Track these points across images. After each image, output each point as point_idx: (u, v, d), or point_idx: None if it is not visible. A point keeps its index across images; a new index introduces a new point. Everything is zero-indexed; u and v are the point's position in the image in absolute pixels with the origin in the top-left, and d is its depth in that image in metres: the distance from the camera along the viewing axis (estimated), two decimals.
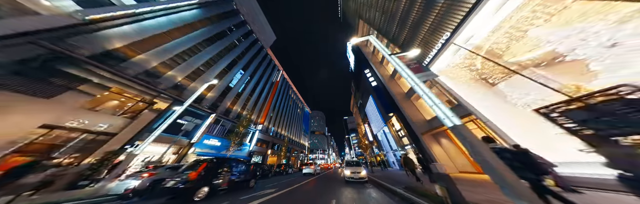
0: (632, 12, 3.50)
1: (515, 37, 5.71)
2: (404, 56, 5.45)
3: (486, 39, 6.70)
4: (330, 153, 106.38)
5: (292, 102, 48.84)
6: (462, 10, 7.24)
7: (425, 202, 3.86)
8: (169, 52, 13.05)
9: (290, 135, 40.39)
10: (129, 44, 10.55)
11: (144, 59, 11.18)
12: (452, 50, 8.26)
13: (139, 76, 10.63)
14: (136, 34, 10.96)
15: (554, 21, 4.73)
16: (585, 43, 4.17)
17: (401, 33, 13.87)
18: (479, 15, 6.60)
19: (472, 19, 6.84)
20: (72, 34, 8.22)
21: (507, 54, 6.03)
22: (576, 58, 4.36)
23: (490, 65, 6.54)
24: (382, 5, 17.08)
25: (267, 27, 37.46)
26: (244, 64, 24.10)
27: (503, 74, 6.18)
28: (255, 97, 25.84)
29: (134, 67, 10.52)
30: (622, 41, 3.62)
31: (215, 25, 19.44)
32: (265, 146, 27.23)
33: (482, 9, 6.38)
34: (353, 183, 9.22)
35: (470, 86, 7.84)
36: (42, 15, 7.53)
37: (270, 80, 34.07)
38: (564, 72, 4.63)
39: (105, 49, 9.38)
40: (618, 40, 3.66)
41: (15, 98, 6.39)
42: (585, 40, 4.17)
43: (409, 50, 5.40)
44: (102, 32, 9.34)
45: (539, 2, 4.96)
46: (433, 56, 9.37)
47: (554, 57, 4.79)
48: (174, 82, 13.10)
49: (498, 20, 6.15)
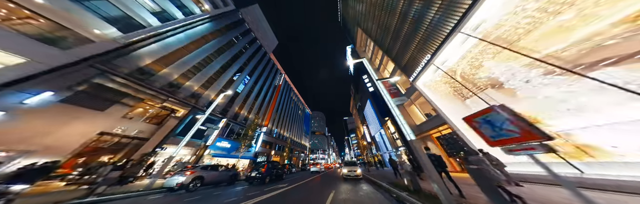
0: (531, 61, 5.14)
1: (475, 66, 7.33)
2: (387, 81, 7.09)
3: (457, 64, 8.31)
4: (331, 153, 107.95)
5: (294, 104, 50.49)
6: (439, 38, 8.86)
7: (398, 190, 5.49)
8: (187, 64, 14.69)
9: (292, 136, 42.05)
10: (156, 60, 12.20)
11: (167, 72, 12.83)
12: (433, 69, 9.89)
13: (164, 88, 12.28)
14: (161, 51, 12.60)
15: (496, 58, 6.35)
16: (513, 77, 5.79)
17: (394, 47, 15.48)
18: (451, 44, 8.23)
19: (446, 46, 8.47)
20: (115, 55, 9.85)
21: (471, 78, 7.64)
22: (510, 86, 5.99)
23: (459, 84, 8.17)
24: (378, 19, 18.68)
25: (269, 33, 39.09)
26: (249, 70, 25.74)
27: (468, 92, 7.81)
28: (259, 101, 27.50)
29: (160, 80, 12.17)
30: (532, 79, 5.24)
31: (224, 36, 21.08)
32: (269, 147, 28.88)
33: (453, 40, 8.01)
34: (349, 179, 10.89)
35: (447, 99, 9.46)
36: (95, 42, 9.16)
37: (273, 84, 35.71)
38: (503, 95, 6.26)
39: (139, 66, 11.04)
40: (530, 78, 5.29)
41: (82, 111, 8.04)
42: (514, 74, 5.80)
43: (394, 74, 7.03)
44: (136, 51, 10.98)
45: (485, 44, 6.60)
46: (418, 72, 11.00)
47: (499, 84, 6.42)
48: (191, 92, 14.74)
49: (464, 50, 7.75)
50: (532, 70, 5.22)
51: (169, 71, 12.95)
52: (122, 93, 9.87)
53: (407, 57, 12.88)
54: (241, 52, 24.62)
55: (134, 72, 10.67)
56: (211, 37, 18.67)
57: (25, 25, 7.67)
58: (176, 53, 13.94)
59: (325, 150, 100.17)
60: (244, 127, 20.90)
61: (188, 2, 16.54)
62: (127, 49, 10.46)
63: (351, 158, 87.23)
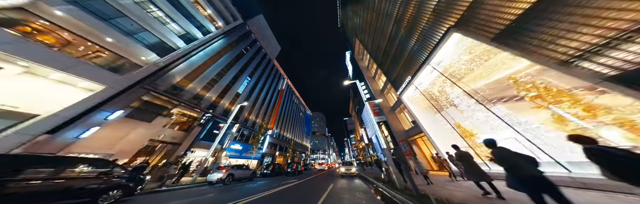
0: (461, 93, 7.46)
1: (440, 90, 9.65)
2: (373, 102, 9.43)
3: (429, 86, 10.63)
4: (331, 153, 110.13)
5: (296, 107, 52.85)
6: (416, 64, 11.19)
7: (377, 181, 7.82)
8: (207, 78, 17.00)
9: (295, 138, 44.39)
10: (184, 77, 14.52)
11: (192, 86, 15.15)
12: (413, 87, 12.21)
13: (190, 100, 14.60)
14: (187, 69, 14.91)
15: (452, 87, 8.68)
16: (461, 102, 8.12)
17: (385, 62, 17.81)
18: (424, 72, 10.53)
19: (420, 72, 10.79)
20: (156, 77, 12.16)
21: (439, 98, 9.97)
22: (460, 108, 8.32)
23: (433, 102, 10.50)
24: (372, 36, 21.01)
25: (273, 41, 41.38)
26: (256, 78, 28.07)
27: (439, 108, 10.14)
28: (265, 106, 29.82)
29: (187, 94, 14.50)
30: (471, 105, 7.56)
31: (234, 49, 23.38)
32: (274, 148, 31.22)
33: (424, 69, 10.34)
34: (346, 176, 13.24)
35: (424, 112, 11.80)
36: (142, 67, 11.47)
37: (277, 88, 38.04)
38: (458, 113, 8.58)
39: (172, 84, 13.36)
40: (470, 104, 7.61)
41: (137, 123, 10.38)
42: (461, 100, 8.12)
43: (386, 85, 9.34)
44: (170, 71, 13.28)
45: (443, 78, 8.93)
46: (403, 88, 13.34)
47: (455, 105, 8.74)
48: (210, 102, 17.06)
49: (433, 77, 10.07)
50: (470, 99, 7.57)
51: (194, 86, 15.27)
52: (162, 107, 12.20)
53: (395, 74, 15.22)
54: (249, 62, 26.93)
55: (169, 89, 13.00)
56: (224, 51, 20.97)
57: (98, 58, 10.01)
58: (198, 70, 16.24)
59: (325, 150, 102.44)
60: (252, 130, 23.23)
61: (205, 21, 18.82)
62: (164, 71, 12.77)
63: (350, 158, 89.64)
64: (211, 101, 17.16)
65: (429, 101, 10.42)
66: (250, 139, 22.25)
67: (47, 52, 7.45)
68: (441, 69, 9.03)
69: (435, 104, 10.08)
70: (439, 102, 9.83)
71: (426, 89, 10.88)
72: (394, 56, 15.24)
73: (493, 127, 6.65)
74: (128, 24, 11.34)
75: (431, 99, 10.36)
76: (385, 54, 17.35)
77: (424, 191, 4.45)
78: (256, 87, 27.76)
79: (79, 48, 9.56)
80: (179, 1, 15.68)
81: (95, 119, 8.50)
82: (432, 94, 10.39)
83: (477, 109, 7.20)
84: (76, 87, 8.93)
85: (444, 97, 9.39)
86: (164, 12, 14.11)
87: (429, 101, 10.51)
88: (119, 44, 10.33)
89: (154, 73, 12.00)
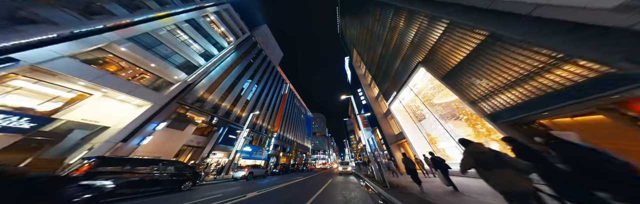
0: (431, 109, 9.98)
1: (417, 105, 12.19)
2: (363, 115, 11.97)
3: (410, 101, 13.16)
4: (331, 153, 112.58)
5: (297, 109, 55.42)
6: (399, 84, 13.72)
7: (366, 178, 10.34)
8: (222, 90, 19.54)
9: (297, 139, 46.97)
10: (205, 91, 17.06)
11: (212, 98, 17.68)
12: (398, 101, 14.74)
13: (210, 110, 17.14)
14: (208, 83, 17.44)
15: (423, 104, 11.20)
16: (428, 116, 10.65)
17: (378, 75, 20.33)
18: (404, 90, 13.06)
19: (402, 90, 13.32)
20: (185, 92, 14.69)
21: (415, 111, 12.50)
22: (428, 122, 10.85)
23: (412, 114, 13.03)
24: (366, 49, 23.50)
25: (276, 48, 43.95)
26: (263, 84, 30.62)
27: (415, 119, 12.67)
28: (270, 111, 32.37)
29: (208, 105, 17.03)
30: (435, 119, 10.10)
31: (244, 61, 25.91)
32: (278, 150, 33.78)
33: (404, 88, 12.87)
34: (343, 174, 15.81)
35: (407, 120, 14.34)
36: (175, 84, 13.99)
37: (281, 93, 40.60)
38: (429, 125, 11.12)
39: (197, 97, 15.90)
40: (434, 118, 10.15)
41: (174, 131, 12.94)
42: (428, 114, 10.66)
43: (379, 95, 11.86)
44: (195, 87, 15.81)
45: (417, 98, 11.45)
46: (390, 100, 15.88)
47: (425, 118, 11.27)
48: (225, 110, 19.61)
49: (412, 95, 12.59)
50: (432, 115, 10.11)
51: (213, 97, 17.81)
52: (190, 117, 14.74)
53: (385, 87, 17.76)
54: (256, 70, 29.48)
55: (195, 102, 15.54)
56: (235, 64, 23.50)
57: (143, 80, 12.56)
58: (215, 83, 18.78)
59: (325, 150, 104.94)
60: (260, 134, 25.78)
61: (219, 38, 21.34)
62: (191, 86, 15.31)
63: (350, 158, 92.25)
64: (226, 110, 19.71)
65: (409, 113, 12.99)
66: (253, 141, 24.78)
67: (120, 81, 10.01)
68: (416, 90, 11.59)
69: (413, 116, 12.65)
70: (416, 115, 12.39)
71: (407, 104, 13.43)
72: (384, 71, 17.77)
73: (446, 138, 9.20)
74: (163, 50, 13.90)
75: (411, 112, 12.92)
76: (377, 68, 19.88)
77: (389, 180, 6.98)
78: (262, 93, 30.31)
79: (128, 71, 12.11)
80: (198, 23, 18.24)
81: (148, 129, 11.05)
82: (411, 107, 12.95)
83: (437, 123, 9.75)
84: (131, 104, 11.49)
85: (418, 112, 11.95)
86: (188, 35, 16.66)
87: (409, 114, 13.07)
88: (158, 67, 12.88)
89: (184, 89, 14.54)
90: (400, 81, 13.51)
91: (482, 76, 6.12)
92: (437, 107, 9.81)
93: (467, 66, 6.68)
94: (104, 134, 9.87)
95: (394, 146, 19.04)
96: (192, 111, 14.82)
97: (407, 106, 13.35)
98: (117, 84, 9.88)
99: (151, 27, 12.71)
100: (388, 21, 13.28)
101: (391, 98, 15.92)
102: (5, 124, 6.45)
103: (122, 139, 9.71)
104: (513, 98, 5.32)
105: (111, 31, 10.09)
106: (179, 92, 13.91)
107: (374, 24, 17.84)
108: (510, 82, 5.24)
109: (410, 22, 10.16)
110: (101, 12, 10.31)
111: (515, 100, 5.28)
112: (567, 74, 3.95)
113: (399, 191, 5.41)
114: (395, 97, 14.92)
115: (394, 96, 15.22)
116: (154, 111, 11.56)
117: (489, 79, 5.88)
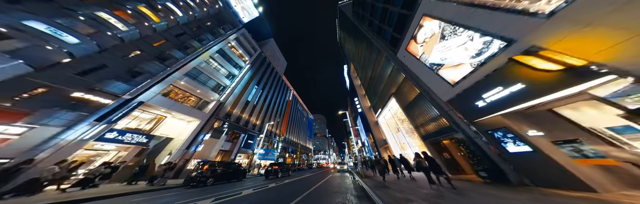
0: (403, 128, 14.26)
1: (394, 122, 16.49)
2: (355, 128, 16.33)
3: (390, 118, 17.46)
4: (331, 153, 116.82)
5: (300, 114, 59.81)
6: (383, 102, 18.03)
7: (356, 175, 14.66)
8: (242, 104, 23.89)
9: (300, 141, 51.36)
10: (231, 106, 21.42)
11: (235, 111, 22.05)
12: (382, 115, 19.06)
13: (235, 121, 21.51)
14: (232, 100, 21.80)
15: (400, 122, 15.49)
16: (400, 130, 14.95)
17: (369, 90, 24.62)
18: (386, 109, 17.38)
19: (385, 109, 17.64)
20: (218, 109, 19.04)
21: (393, 125, 16.81)
22: (402, 134, 15.16)
23: (391, 127, 17.37)
24: (360, 68, 27.77)
25: (281, 58, 48.25)
26: (272, 94, 34.98)
27: (394, 131, 17.00)
28: (278, 117, 36.74)
29: (233, 118, 21.40)
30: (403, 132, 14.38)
31: (257, 76, 30.25)
32: (284, 151, 38.16)
33: (386, 108, 17.18)
34: (340, 171, 20.19)
35: (389, 131, 18.68)
36: (210, 103, 18.32)
37: (286, 100, 44.96)
38: (400, 136, 15.45)
39: (226, 112, 20.26)
40: (403, 133, 14.43)
41: (213, 140, 17.32)
42: (400, 129, 14.96)
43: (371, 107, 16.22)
44: (225, 104, 20.16)
45: (393, 117, 15.74)
46: (378, 114, 20.23)
47: (399, 131, 15.58)
48: (245, 120, 23.98)
49: (391, 115, 16.88)
50: (399, 131, 14.45)
51: (236, 111, 22.19)
52: (223, 129, 19.11)
53: (374, 102, 22.11)
54: (266, 82, 33.83)
55: (225, 116, 19.90)
56: (251, 79, 27.85)
57: (190, 102, 16.94)
58: (237, 99, 23.13)
59: (325, 151, 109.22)
60: (270, 138, 30.13)
61: (237, 60, 25.66)
62: (222, 104, 19.67)
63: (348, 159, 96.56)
64: (246, 120, 24.09)
65: (389, 126, 17.35)
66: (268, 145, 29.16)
67: (182, 106, 14.39)
68: (392, 112, 15.93)
69: (392, 128, 16.99)
70: (393, 128, 16.74)
71: (387, 119, 17.79)
72: (373, 90, 22.10)
73: (408, 147, 13.55)
74: (203, 77, 18.26)
75: (391, 125, 17.27)
76: (369, 85, 24.21)
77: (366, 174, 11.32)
78: (271, 102, 34.68)
79: (183, 97, 16.48)
80: (224, 51, 22.61)
81: (199, 139, 15.42)
82: (390, 122, 17.30)
83: (405, 136, 14.08)
84: (184, 121, 15.86)
85: (394, 126, 16.31)
86: (218, 62, 21.05)
87: (389, 126, 17.42)
88: (201, 92, 17.24)
89: (218, 107, 18.91)
90: (383, 102, 17.85)
91: (420, 113, 10.45)
92: (405, 125, 14.13)
93: (415, 104, 11.01)
94: (171, 143, 14.25)
95: (382, 148, 23.41)
96: (223, 122, 19.19)
97: (388, 121, 17.71)
98: (180, 108, 14.24)
99: (196, 62, 17.06)
100: (373, 53, 17.61)
101: (378, 113, 20.26)
102: (138, 140, 10.83)
103: (186, 147, 14.08)
104: (432, 128, 9.65)
105: (177, 71, 14.44)
106: (214, 109, 18.28)
107: (364, 48, 22.16)
108: (429, 120, 9.58)
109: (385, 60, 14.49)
110: (169, 58, 14.66)
111: (433, 129, 9.61)
112: (444, 123, 8.28)
113: (368, 179, 9.74)
114: (380, 113, 19.27)
115: (379, 112, 19.57)
116: (201, 126, 15.92)
117: (423, 116, 10.22)
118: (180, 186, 9.01)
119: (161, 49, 14.72)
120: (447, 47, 6.80)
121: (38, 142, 7.42)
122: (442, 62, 7.23)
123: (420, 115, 10.50)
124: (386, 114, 17.90)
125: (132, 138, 10.88)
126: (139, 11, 13.11)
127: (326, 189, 7.41)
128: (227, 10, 27.16)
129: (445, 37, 6.89)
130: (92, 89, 9.63)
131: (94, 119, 9.14)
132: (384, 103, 17.37)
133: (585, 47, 3.20)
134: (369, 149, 37.21)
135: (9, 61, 7.09)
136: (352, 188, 7.83)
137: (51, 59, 8.44)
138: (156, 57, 13.82)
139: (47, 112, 7.97)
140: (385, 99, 17.05)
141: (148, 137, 11.72)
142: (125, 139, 10.59)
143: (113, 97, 10.18)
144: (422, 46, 8.49)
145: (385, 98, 17.02)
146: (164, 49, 14.74)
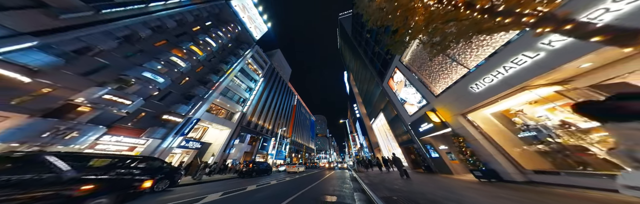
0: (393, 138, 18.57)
1: (384, 130, 20.80)
2: (353, 135, 20.70)
3: (381, 126, 21.74)
4: (332, 153, 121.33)
5: (303, 116, 64.22)
6: (375, 113, 22.34)
7: (353, 171, 19.03)
8: (258, 113, 28.27)
9: (304, 142, 55.84)
10: (250, 116, 25.80)
11: (253, 119, 26.44)
12: (376, 123, 23.37)
13: (254, 128, 25.90)
14: (252, 110, 26.16)
15: (388, 133, 19.79)
16: (388, 136, 19.25)
17: (365, 100, 28.90)
18: (378, 119, 21.69)
19: (376, 120, 21.97)
20: (243, 119, 23.41)
21: (384, 132, 21.11)
22: (390, 139, 19.49)
23: (382, 133, 21.71)
24: (358, 79, 32.00)
25: (286, 66, 52.47)
26: (280, 101, 39.33)
27: (385, 138, 21.34)
28: (284, 121, 41.14)
29: (252, 125, 25.79)
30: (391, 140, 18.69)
31: (268, 86, 34.58)
32: (290, 151, 42.59)
33: (378, 118, 21.50)
34: (340, 168, 24.59)
35: (380, 136, 23.02)
36: (236, 114, 22.68)
37: (291, 104, 49.33)
38: (391, 142, 19.79)
39: (249, 121, 24.65)
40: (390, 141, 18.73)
41: (241, 144, 21.74)
42: (389, 138, 19.27)
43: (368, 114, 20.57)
44: (247, 114, 24.52)
45: (383, 126, 20.02)
46: (372, 122, 24.59)
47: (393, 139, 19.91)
48: (261, 126, 28.38)
49: (380, 125, 21.15)
50: (389, 136, 18.80)
51: (254, 119, 26.57)
52: (246, 134, 23.52)
53: (369, 111, 26.45)
54: (276, 91, 38.16)
55: (247, 124, 24.29)
56: (264, 90, 32.18)
57: (221, 113, 21.33)
58: (254, 108, 27.50)
59: (326, 150, 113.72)
60: (280, 140, 34.58)
61: (253, 74, 29.94)
62: (244, 115, 24.03)
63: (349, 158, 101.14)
64: (262, 126, 28.50)
65: (380, 132, 21.71)
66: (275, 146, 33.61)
67: (219, 118, 18.78)
68: (382, 122, 20.26)
69: (382, 134, 21.34)
70: (383, 134, 21.08)
71: (379, 127, 22.14)
72: (368, 100, 26.40)
73: (394, 149, 17.89)
74: (231, 94, 22.62)
75: (381, 132, 21.62)
76: (365, 95, 28.50)
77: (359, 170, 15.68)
78: (280, 108, 39.06)
79: (216, 110, 20.84)
80: (244, 69, 26.93)
81: (231, 144, 19.82)
82: (381, 129, 21.65)
83: (391, 141, 18.42)
84: (218, 129, 20.25)
85: (384, 133, 20.66)
86: (239, 79, 25.38)
87: (380, 133, 21.78)
88: (230, 106, 21.61)
89: (242, 117, 23.29)
90: (375, 113, 22.18)
91: (397, 127, 14.78)
92: (390, 133, 18.46)
93: (395, 121, 15.31)
94: (211, 147, 18.64)
95: (376, 149, 27.83)
96: (246, 129, 23.59)
97: (379, 128, 22.05)
98: (218, 120, 18.62)
99: (226, 82, 21.38)
100: (367, 71, 21.89)
101: (372, 120, 24.60)
102: (196, 145, 15.25)
103: (223, 150, 18.47)
104: (405, 138, 13.96)
105: (215, 92, 18.77)
106: (239, 119, 22.68)
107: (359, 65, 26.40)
108: (402, 133, 13.91)
109: (376, 83, 18.80)
110: (208, 81, 18.99)
111: (405, 139, 13.92)
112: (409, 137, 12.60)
113: (360, 172, 14.09)
114: (373, 121, 23.61)
115: (373, 120, 23.91)
116: (232, 133, 20.32)
117: (399, 129, 14.55)
118: (236, 178, 13.39)
119: (201, 74, 19.06)
120: (407, 92, 11.11)
121: (152, 149, 11.82)
122: (406, 99, 11.54)
123: (397, 128, 14.85)
124: (378, 123, 22.21)
125: (192, 145, 15.28)
126: (189, 49, 17.40)
127: (334, 177, 11.82)
128: (243, 31, 31.33)
129: (406, 85, 11.19)
130: (170, 112, 14.00)
131: (174, 132, 13.53)
132: (376, 114, 21.69)
133: (445, 114, 7.54)
134: (366, 150, 41.62)
135: (136, 98, 11.43)
136: (348, 176, 12.26)
137: (150, 93, 12.79)
138: (198, 81, 18.15)
139: (152, 129, 12.36)
140: (376, 112, 21.37)
141: (201, 143, 16.13)
142: (189, 145, 14.99)
143: (181, 117, 14.55)
144: (397, 85, 12.78)
145: (377, 111, 21.33)
146: (203, 74, 19.08)
